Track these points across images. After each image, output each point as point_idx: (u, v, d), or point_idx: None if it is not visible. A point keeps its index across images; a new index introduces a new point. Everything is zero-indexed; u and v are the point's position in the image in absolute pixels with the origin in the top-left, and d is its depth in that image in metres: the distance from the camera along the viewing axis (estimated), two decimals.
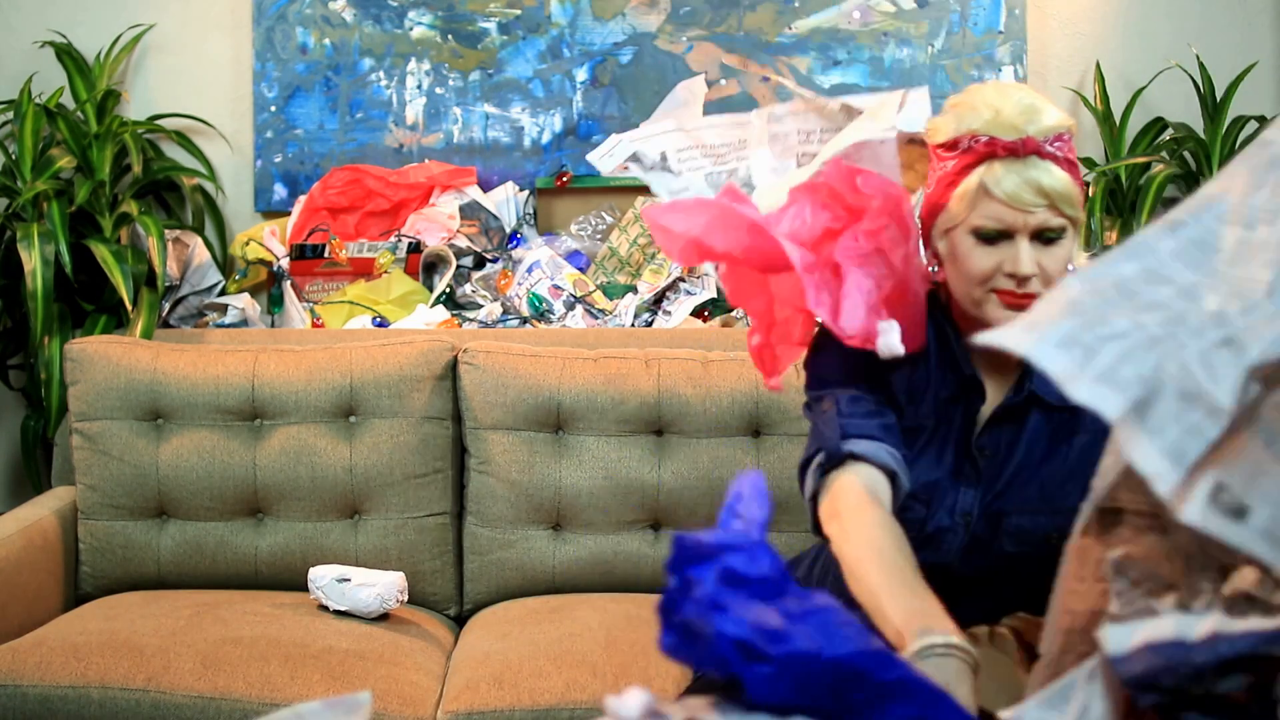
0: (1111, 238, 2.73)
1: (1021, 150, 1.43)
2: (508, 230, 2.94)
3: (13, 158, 2.78)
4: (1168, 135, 2.87)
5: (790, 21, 2.99)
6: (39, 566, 2.36)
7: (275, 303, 2.90)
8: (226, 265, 3.00)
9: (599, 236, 2.93)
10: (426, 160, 3.00)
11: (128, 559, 2.44)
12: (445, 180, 2.95)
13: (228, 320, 2.82)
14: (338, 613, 2.24)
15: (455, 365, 2.48)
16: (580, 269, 2.86)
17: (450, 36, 3.00)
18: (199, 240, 2.92)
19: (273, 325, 2.87)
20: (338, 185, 2.92)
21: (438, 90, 3.01)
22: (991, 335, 0.73)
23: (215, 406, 2.43)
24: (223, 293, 2.94)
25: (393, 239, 2.89)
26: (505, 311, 2.81)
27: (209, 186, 3.02)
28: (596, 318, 2.76)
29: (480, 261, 2.93)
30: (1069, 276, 0.80)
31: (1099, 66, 2.94)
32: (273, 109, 3.01)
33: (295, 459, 2.41)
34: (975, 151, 1.45)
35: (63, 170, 2.77)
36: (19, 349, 2.87)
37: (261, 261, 2.91)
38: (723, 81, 3.01)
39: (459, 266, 2.89)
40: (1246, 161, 0.79)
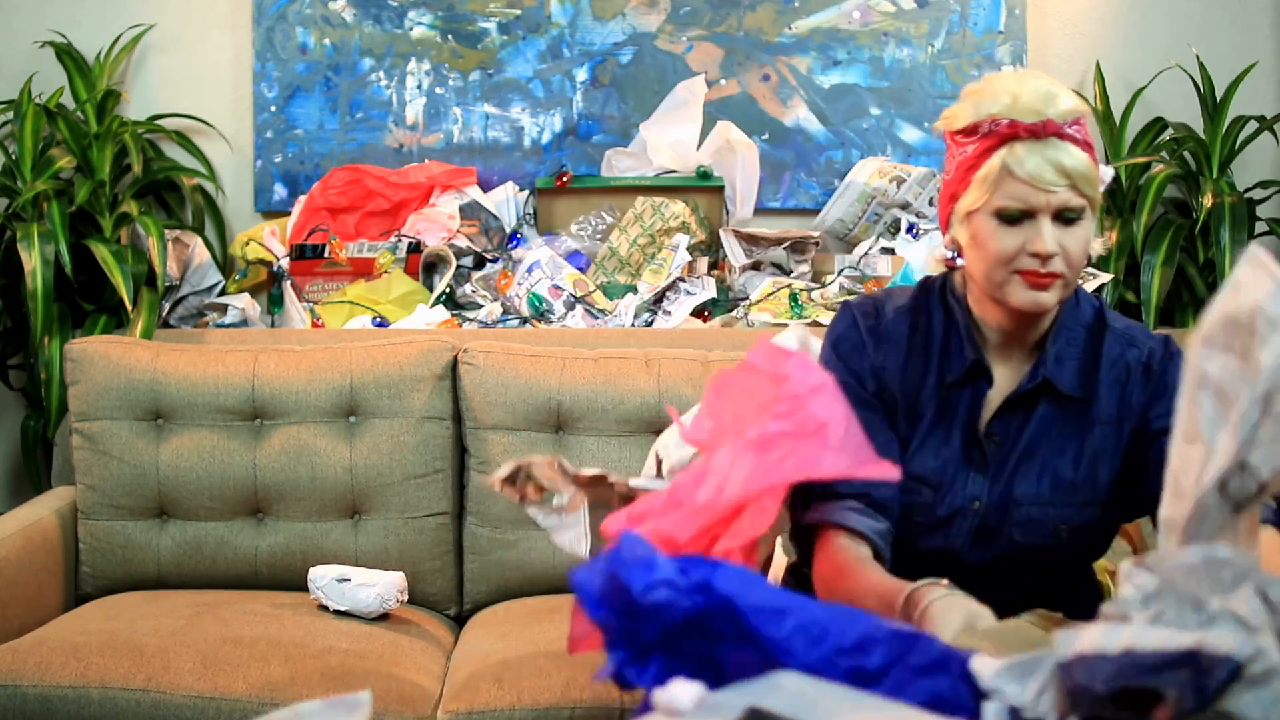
0: (1111, 238, 2.73)
1: (1042, 132, 1.45)
2: (508, 230, 2.94)
3: (13, 158, 2.78)
4: (1168, 135, 2.87)
5: (790, 21, 2.99)
6: (39, 566, 2.35)
7: (275, 303, 2.90)
8: (226, 265, 3.00)
9: (599, 236, 2.93)
10: (426, 160, 3.00)
11: (128, 559, 2.44)
12: (445, 180, 2.95)
13: (228, 320, 2.82)
14: (338, 612, 2.24)
15: (455, 365, 2.48)
16: (580, 269, 2.86)
17: (450, 36, 3.00)
18: (199, 240, 2.92)
19: (273, 325, 2.87)
20: (338, 185, 2.92)
21: (438, 90, 3.01)
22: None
23: (215, 406, 2.43)
24: (223, 293, 2.94)
25: (393, 239, 2.89)
26: (505, 311, 2.81)
27: (209, 186, 3.02)
28: (596, 318, 2.76)
29: (480, 261, 2.93)
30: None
31: (1099, 66, 2.94)
32: (273, 109, 3.01)
33: (295, 459, 2.41)
34: (997, 134, 1.47)
35: (63, 170, 2.77)
36: (19, 349, 2.87)
37: (261, 261, 2.91)
38: (722, 81, 3.01)
39: (459, 266, 2.89)
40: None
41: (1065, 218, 1.47)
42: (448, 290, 2.84)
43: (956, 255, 1.56)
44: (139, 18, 3.00)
